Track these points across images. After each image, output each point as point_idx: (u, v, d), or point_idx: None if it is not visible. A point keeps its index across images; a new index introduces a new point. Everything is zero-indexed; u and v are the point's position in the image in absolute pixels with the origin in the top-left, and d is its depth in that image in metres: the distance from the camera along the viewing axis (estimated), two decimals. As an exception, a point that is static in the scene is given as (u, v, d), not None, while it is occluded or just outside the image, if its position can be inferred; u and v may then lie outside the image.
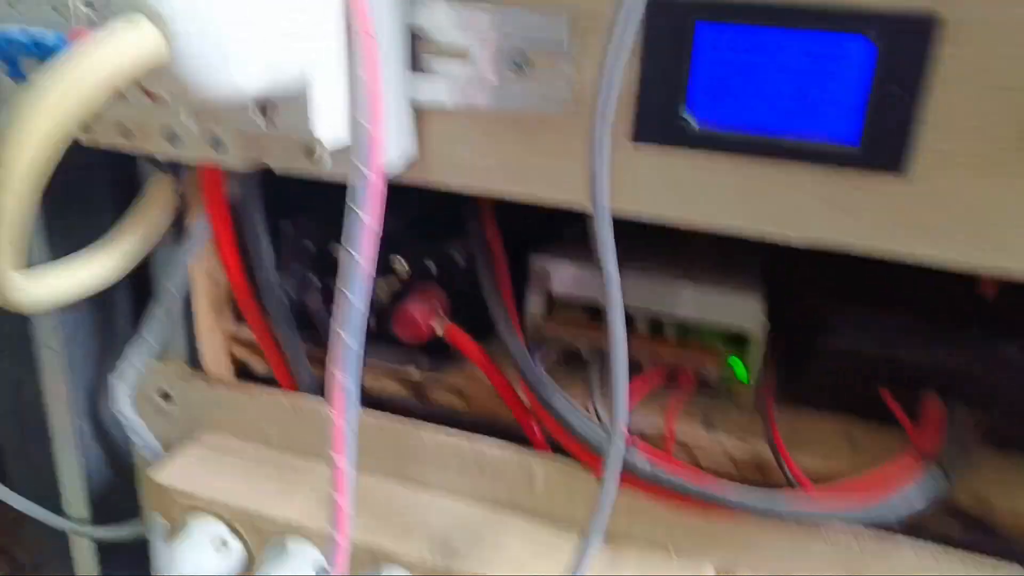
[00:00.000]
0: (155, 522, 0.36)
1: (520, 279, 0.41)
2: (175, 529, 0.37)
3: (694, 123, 0.28)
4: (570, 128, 0.29)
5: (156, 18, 0.21)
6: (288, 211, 0.42)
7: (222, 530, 0.36)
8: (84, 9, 0.29)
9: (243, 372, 0.43)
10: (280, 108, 0.26)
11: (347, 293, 0.27)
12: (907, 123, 0.26)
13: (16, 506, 0.43)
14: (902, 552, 0.32)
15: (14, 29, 0.29)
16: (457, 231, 0.42)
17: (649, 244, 0.43)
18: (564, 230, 0.44)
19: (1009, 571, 0.31)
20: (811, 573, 0.33)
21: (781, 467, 0.35)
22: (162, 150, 0.31)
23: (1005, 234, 0.26)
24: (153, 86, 0.29)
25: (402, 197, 0.46)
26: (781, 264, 0.50)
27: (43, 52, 0.28)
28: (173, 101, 0.29)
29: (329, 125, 0.26)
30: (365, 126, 0.26)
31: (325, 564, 0.35)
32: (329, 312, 0.42)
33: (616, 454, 0.30)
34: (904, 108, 0.26)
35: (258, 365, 0.43)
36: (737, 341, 0.39)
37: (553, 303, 0.41)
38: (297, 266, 0.41)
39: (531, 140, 0.30)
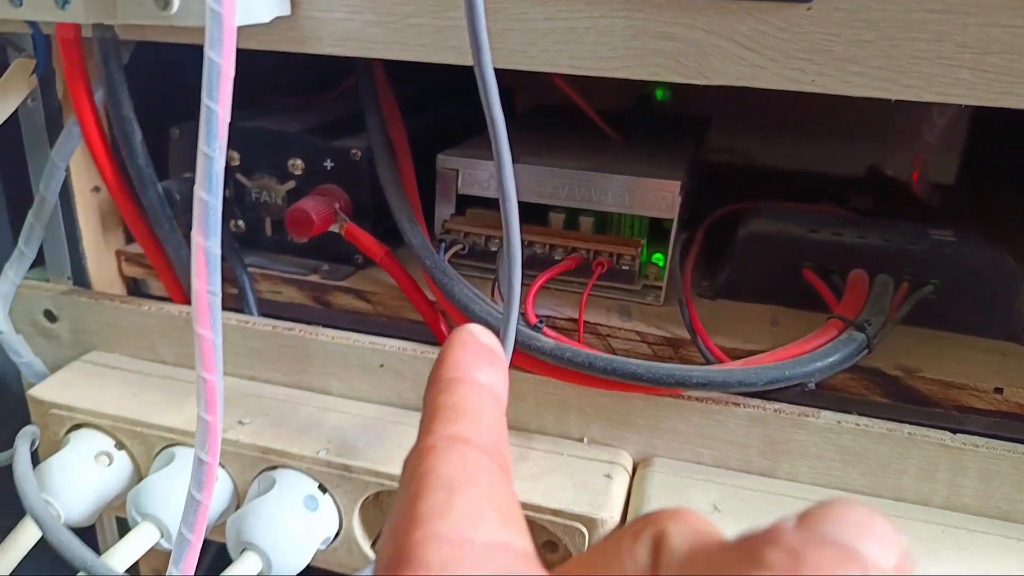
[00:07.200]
0: (20, 440, 0.33)
1: (430, 182, 0.39)
2: (55, 446, 0.34)
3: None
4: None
5: None
6: (176, 119, 0.40)
7: (106, 443, 0.34)
8: None
9: (137, 293, 0.41)
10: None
11: (206, 150, 0.24)
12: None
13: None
14: (822, 419, 0.30)
15: None
16: (359, 132, 0.39)
17: (571, 146, 0.42)
18: (471, 131, 0.42)
19: (930, 434, 0.29)
20: (729, 450, 0.31)
21: (696, 344, 0.33)
22: (6, 14, 0.28)
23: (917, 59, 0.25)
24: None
25: (304, 108, 0.44)
26: (706, 167, 0.49)
27: None
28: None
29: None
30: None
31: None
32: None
33: (510, 329, 0.28)
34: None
35: (153, 284, 0.41)
36: (654, 236, 0.38)
37: (464, 204, 0.39)
38: (185, 171, 0.38)
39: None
